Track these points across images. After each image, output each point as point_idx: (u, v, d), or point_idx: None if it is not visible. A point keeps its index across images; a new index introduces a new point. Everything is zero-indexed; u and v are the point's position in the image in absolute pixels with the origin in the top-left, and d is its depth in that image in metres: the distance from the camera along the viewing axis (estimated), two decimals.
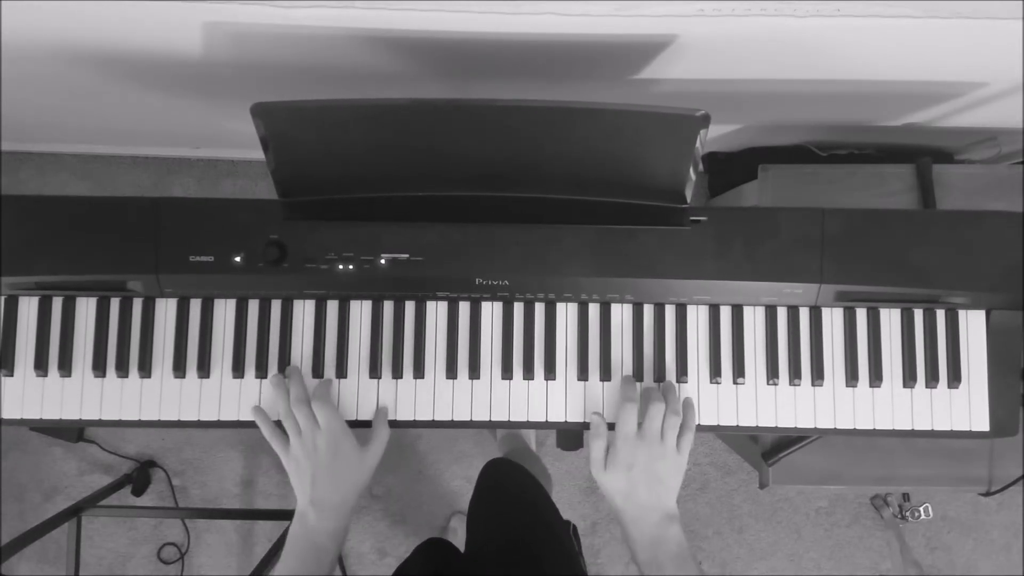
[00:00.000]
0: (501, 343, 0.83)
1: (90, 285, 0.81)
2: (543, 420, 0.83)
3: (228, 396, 0.82)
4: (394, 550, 1.73)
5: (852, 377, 0.83)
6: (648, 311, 0.84)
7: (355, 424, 0.82)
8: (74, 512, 1.42)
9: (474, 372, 0.83)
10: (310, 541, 0.74)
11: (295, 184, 0.77)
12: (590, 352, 0.83)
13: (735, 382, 0.83)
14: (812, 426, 0.83)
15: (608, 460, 0.77)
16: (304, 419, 0.77)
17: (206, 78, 0.98)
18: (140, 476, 1.69)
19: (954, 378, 0.83)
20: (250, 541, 1.74)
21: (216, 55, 0.87)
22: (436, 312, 0.84)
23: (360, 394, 0.83)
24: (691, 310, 0.84)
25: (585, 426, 0.82)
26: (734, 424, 0.83)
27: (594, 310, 0.84)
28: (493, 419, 0.83)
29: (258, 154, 0.74)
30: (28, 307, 0.83)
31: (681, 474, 0.77)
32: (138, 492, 1.69)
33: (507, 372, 0.83)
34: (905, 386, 0.83)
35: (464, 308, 0.84)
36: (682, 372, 0.83)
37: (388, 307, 0.84)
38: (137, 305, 0.83)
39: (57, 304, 0.83)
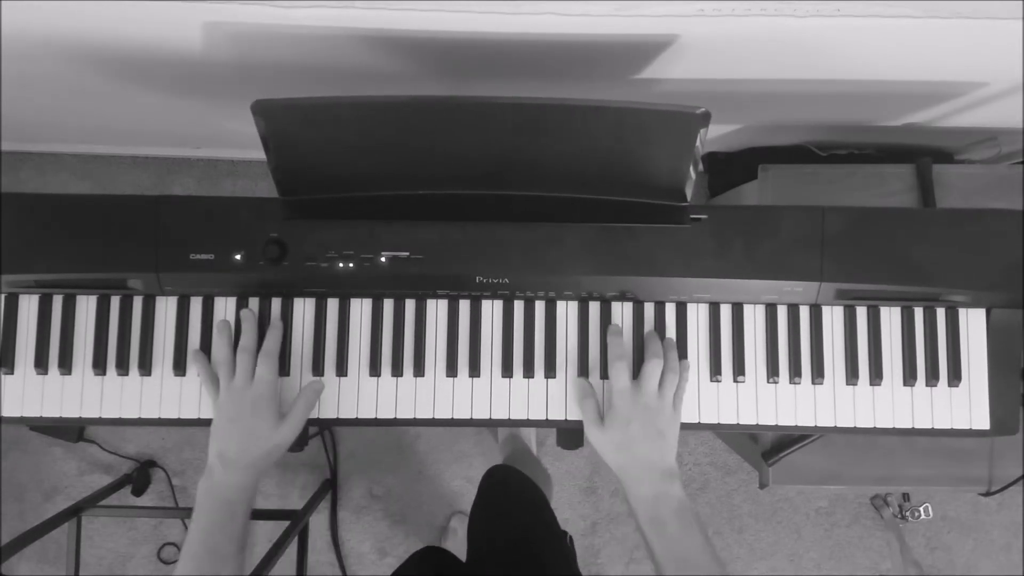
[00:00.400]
0: (501, 341, 0.83)
1: (90, 283, 0.81)
2: (543, 418, 0.83)
3: None
4: (394, 550, 1.73)
5: (852, 375, 0.83)
6: (648, 309, 0.84)
7: (353, 422, 0.82)
8: (74, 512, 1.41)
9: (474, 370, 0.83)
10: (218, 495, 0.72)
11: (295, 182, 0.77)
12: (591, 350, 0.83)
13: (735, 380, 0.83)
14: (812, 424, 0.83)
15: (606, 417, 0.76)
16: (242, 369, 0.76)
17: (206, 78, 0.98)
18: (140, 476, 1.69)
19: (954, 376, 0.83)
20: (250, 541, 1.74)
21: (216, 55, 0.87)
22: (436, 310, 0.84)
23: (360, 392, 0.83)
24: (691, 308, 0.84)
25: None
26: (734, 422, 0.83)
27: (594, 308, 0.84)
28: (493, 417, 0.83)
29: (258, 154, 0.74)
30: (28, 305, 0.83)
31: (678, 430, 0.77)
32: (138, 492, 1.69)
33: (507, 370, 0.83)
34: (905, 384, 0.83)
35: (464, 306, 0.84)
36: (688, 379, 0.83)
37: (388, 305, 0.84)
38: (137, 303, 0.83)
39: (57, 302, 0.83)
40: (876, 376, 0.83)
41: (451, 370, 0.83)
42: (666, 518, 0.71)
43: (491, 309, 0.84)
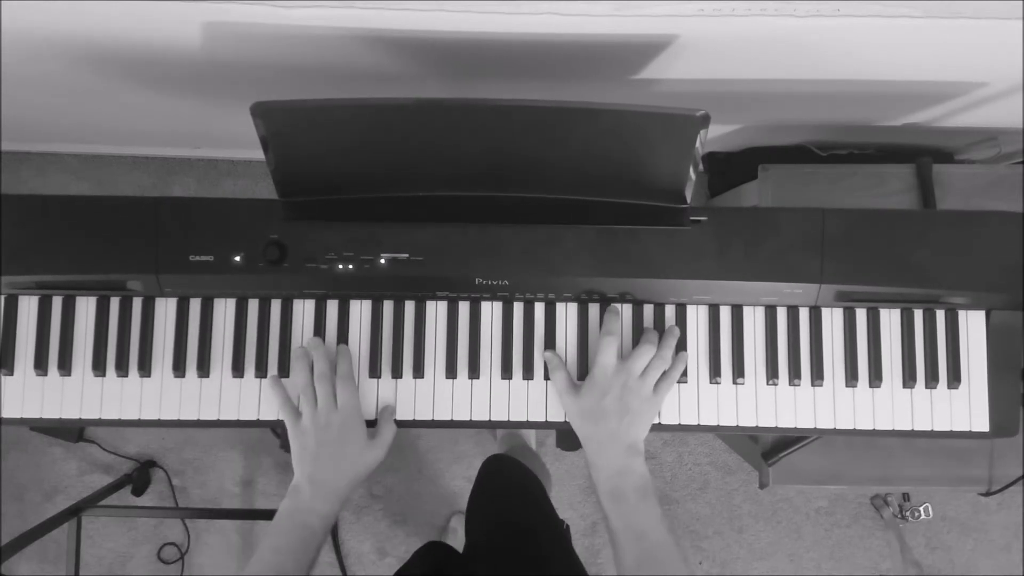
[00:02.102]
0: (501, 343, 0.83)
1: (90, 284, 0.81)
2: (543, 420, 0.83)
3: (228, 395, 0.83)
4: (394, 550, 1.73)
5: (852, 377, 0.83)
6: (648, 311, 0.84)
7: None
8: (74, 512, 1.42)
9: (474, 372, 0.83)
10: (300, 520, 0.73)
11: (295, 184, 0.77)
12: (590, 352, 0.83)
13: (735, 382, 0.83)
14: (812, 426, 0.83)
15: (584, 386, 0.77)
16: (324, 395, 0.76)
17: (206, 78, 0.98)
18: (140, 476, 1.69)
19: (954, 378, 0.83)
20: (250, 541, 1.74)
21: (216, 55, 0.87)
22: (436, 312, 0.84)
23: (360, 394, 0.82)
24: (691, 310, 0.84)
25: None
26: (734, 424, 0.83)
27: (594, 310, 0.84)
28: (493, 419, 0.83)
29: (258, 154, 0.74)
30: (28, 306, 0.83)
31: (653, 416, 0.77)
32: (138, 492, 1.69)
33: (507, 372, 0.83)
34: (905, 386, 0.83)
35: (464, 308, 0.84)
36: (681, 372, 0.83)
37: (388, 307, 0.84)
38: (137, 304, 0.83)
39: (57, 303, 0.83)
40: (876, 378, 0.83)
41: (450, 372, 0.83)
42: (627, 492, 0.72)
43: (491, 310, 0.84)
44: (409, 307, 0.84)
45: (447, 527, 1.71)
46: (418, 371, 0.83)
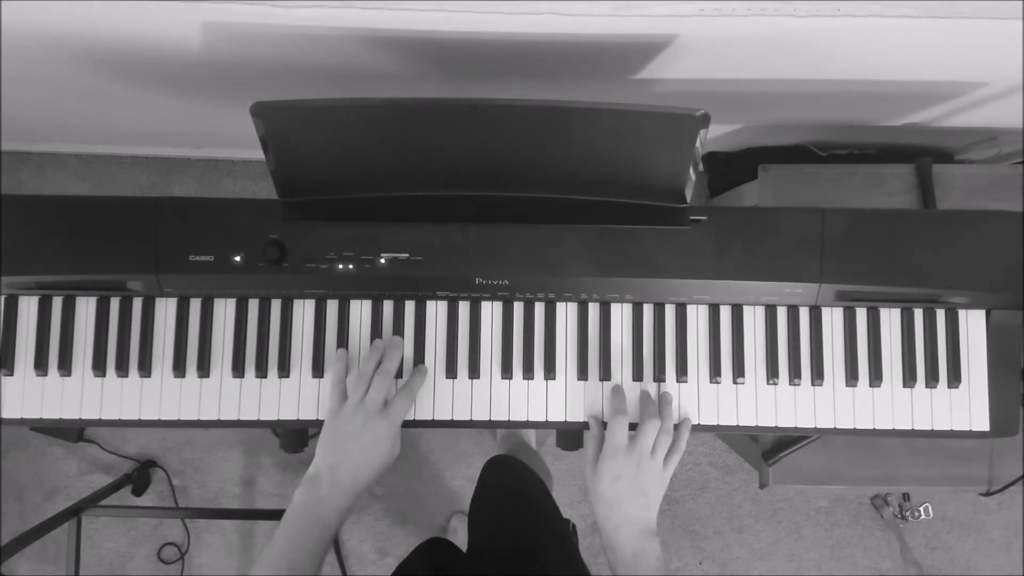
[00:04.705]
0: (501, 343, 0.83)
1: (90, 285, 0.81)
2: (543, 420, 0.83)
3: (228, 396, 0.82)
4: (394, 550, 1.73)
5: (852, 377, 0.83)
6: (648, 311, 0.84)
7: None
8: (74, 512, 1.42)
9: (474, 372, 0.83)
10: (316, 513, 0.71)
11: (295, 184, 0.77)
12: (590, 352, 0.83)
13: (735, 382, 0.83)
14: (812, 426, 0.83)
15: (599, 465, 0.78)
16: (379, 391, 0.76)
17: (206, 78, 0.98)
18: (140, 476, 1.69)
19: (954, 378, 0.83)
20: (250, 541, 1.74)
21: (216, 55, 0.87)
22: (436, 312, 0.84)
23: None
24: (691, 310, 0.84)
25: (585, 426, 0.83)
26: (734, 424, 0.83)
27: (594, 310, 0.84)
28: (493, 419, 0.83)
29: (258, 154, 0.74)
30: (28, 307, 0.83)
31: (663, 490, 0.79)
32: (138, 492, 1.69)
33: (507, 372, 0.83)
34: (905, 386, 0.83)
35: (464, 308, 0.84)
36: (682, 372, 0.83)
37: (388, 307, 0.84)
38: (137, 305, 0.83)
39: (57, 304, 0.83)
40: (876, 378, 0.83)
41: (451, 371, 0.83)
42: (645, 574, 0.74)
43: (491, 310, 0.84)
44: (409, 307, 0.84)
45: (447, 527, 1.71)
46: None
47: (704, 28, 0.77)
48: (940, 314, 0.84)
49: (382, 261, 0.78)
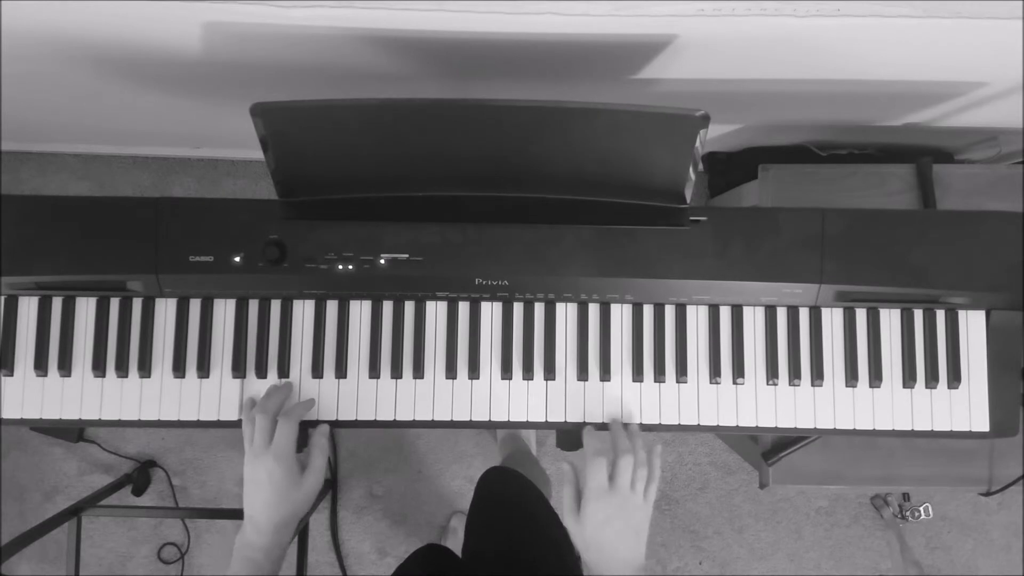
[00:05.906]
0: (501, 343, 0.83)
1: (90, 285, 0.81)
2: (543, 420, 0.83)
3: (228, 396, 0.82)
4: (394, 550, 1.73)
5: (852, 377, 0.83)
6: (648, 311, 0.84)
7: (353, 424, 0.82)
8: (74, 512, 1.41)
9: (474, 372, 0.83)
10: (244, 555, 0.74)
11: (295, 184, 0.77)
12: (590, 352, 0.83)
13: (735, 382, 0.83)
14: (812, 426, 0.83)
15: (582, 510, 0.76)
16: (259, 432, 0.75)
17: (206, 78, 0.98)
18: (140, 476, 1.69)
19: (954, 378, 0.83)
20: None
21: (216, 55, 0.87)
22: (436, 312, 0.84)
23: (359, 394, 0.83)
24: (691, 310, 0.84)
25: (584, 426, 0.82)
26: (734, 424, 0.83)
27: (594, 310, 0.84)
28: (493, 419, 0.83)
29: (258, 154, 0.74)
30: (28, 307, 0.83)
31: (648, 523, 0.77)
32: (138, 492, 1.69)
33: (507, 372, 0.83)
34: (905, 386, 0.83)
35: (464, 308, 0.84)
36: (681, 372, 0.83)
37: (388, 307, 0.84)
38: (137, 305, 0.83)
39: (57, 304, 0.83)
40: (876, 378, 0.83)
41: (450, 372, 0.83)
42: None
43: (490, 311, 0.84)
44: (409, 307, 0.84)
45: (447, 527, 1.71)
46: (418, 371, 0.83)
47: (704, 28, 0.77)
48: (940, 314, 0.84)
49: (382, 261, 0.78)
